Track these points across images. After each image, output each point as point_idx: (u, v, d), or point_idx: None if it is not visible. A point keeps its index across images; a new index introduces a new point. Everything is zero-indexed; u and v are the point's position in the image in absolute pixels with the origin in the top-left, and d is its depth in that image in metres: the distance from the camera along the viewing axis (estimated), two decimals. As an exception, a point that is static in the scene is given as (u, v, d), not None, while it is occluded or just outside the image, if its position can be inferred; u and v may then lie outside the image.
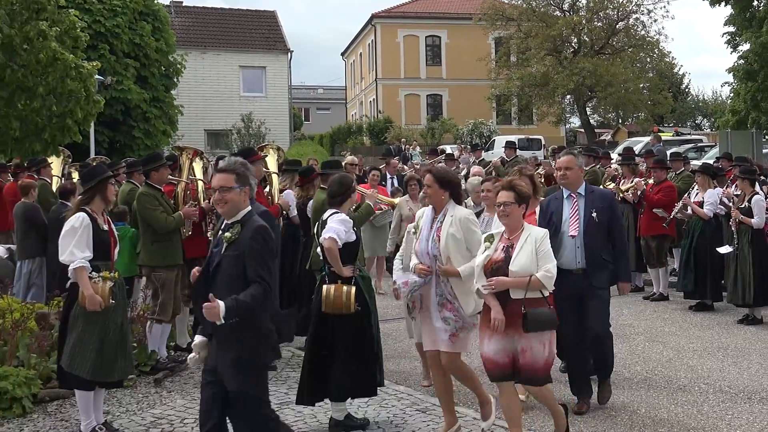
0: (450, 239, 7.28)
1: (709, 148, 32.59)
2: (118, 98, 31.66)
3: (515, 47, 56.01)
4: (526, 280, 6.77)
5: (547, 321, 6.77)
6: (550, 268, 6.84)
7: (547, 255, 6.91)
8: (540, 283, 6.80)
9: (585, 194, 8.29)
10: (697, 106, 75.93)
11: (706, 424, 7.94)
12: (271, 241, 5.92)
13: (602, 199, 8.33)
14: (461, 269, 7.22)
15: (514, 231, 7.00)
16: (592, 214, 8.15)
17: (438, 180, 7.43)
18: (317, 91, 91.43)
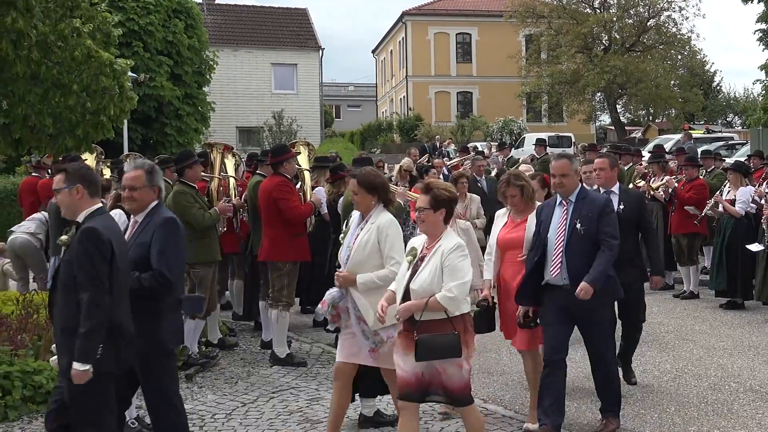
0: (362, 247, 6.98)
1: (741, 146, 32.35)
2: (151, 95, 31.87)
3: (546, 44, 55.83)
4: (423, 302, 6.10)
5: (444, 349, 6.08)
6: (453, 287, 6.06)
7: (453, 271, 6.14)
8: (439, 305, 6.08)
9: (575, 201, 7.47)
10: (728, 103, 75.32)
11: (737, 423, 7.92)
12: (99, 243, 5.57)
13: (592, 206, 7.39)
14: (359, 279, 6.91)
15: (432, 240, 6.40)
16: (576, 225, 7.34)
17: (364, 185, 7.09)
18: (348, 88, 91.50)
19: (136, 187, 6.25)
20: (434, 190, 6.43)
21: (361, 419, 7.85)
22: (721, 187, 14.15)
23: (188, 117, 34.13)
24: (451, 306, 6.10)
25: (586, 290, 7.09)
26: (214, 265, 10.12)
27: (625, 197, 8.75)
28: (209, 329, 10.86)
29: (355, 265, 6.98)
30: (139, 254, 6.09)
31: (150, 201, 6.31)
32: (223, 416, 8.23)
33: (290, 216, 9.99)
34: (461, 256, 6.24)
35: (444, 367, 6.18)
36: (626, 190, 8.98)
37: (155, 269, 6.03)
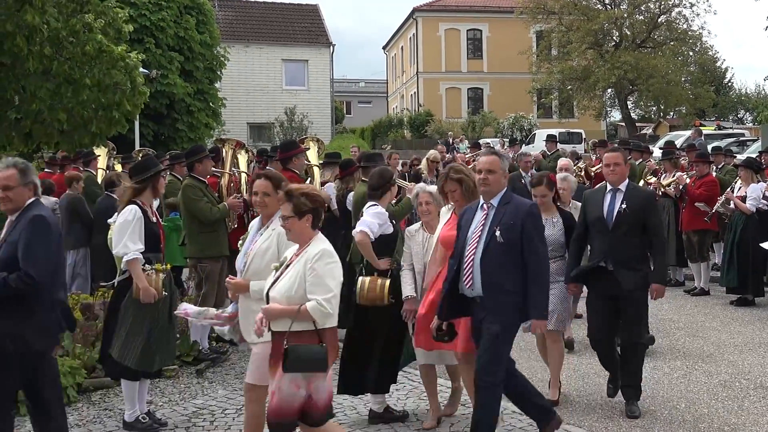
0: (261, 254, 6.61)
1: (752, 143, 32.23)
2: (162, 91, 31.91)
3: (556, 41, 55.72)
4: (295, 308, 5.73)
5: (314, 361, 5.70)
6: (323, 301, 5.67)
7: (318, 279, 5.75)
8: (309, 315, 5.70)
9: (497, 206, 6.78)
10: (739, 99, 75.02)
11: (747, 420, 7.91)
12: None
13: (516, 213, 6.66)
14: (252, 285, 6.50)
15: (300, 248, 6.01)
16: (495, 232, 6.65)
17: (277, 187, 6.66)
18: (359, 84, 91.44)
19: (10, 187, 6.06)
20: (295, 197, 5.98)
21: (371, 415, 7.86)
22: (732, 183, 14.12)
23: (199, 113, 34.18)
24: (321, 318, 5.71)
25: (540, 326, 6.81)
26: (222, 260, 10.13)
27: (631, 196, 8.01)
28: (220, 324, 10.85)
29: (253, 273, 6.55)
30: (9, 253, 5.95)
31: (25, 199, 6.13)
32: (233, 411, 8.25)
33: None
34: (328, 263, 5.83)
35: (279, 385, 5.75)
36: (634, 189, 8.23)
37: (21, 269, 5.85)
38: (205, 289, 9.85)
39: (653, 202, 8.27)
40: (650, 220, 8.00)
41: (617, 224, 7.95)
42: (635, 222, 7.94)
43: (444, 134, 48.87)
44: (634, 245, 7.96)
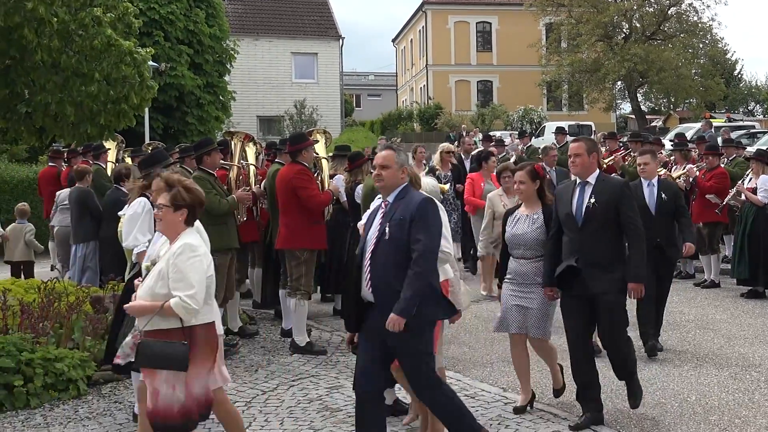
0: None
1: (762, 135, 32.13)
2: (172, 84, 31.88)
3: (566, 33, 55.58)
4: (158, 305, 5.59)
5: (168, 358, 5.52)
6: (186, 297, 5.53)
7: (181, 276, 5.59)
8: (173, 312, 5.57)
9: (393, 201, 6.44)
10: (749, 91, 74.79)
11: (758, 412, 7.88)
12: None
13: (406, 209, 6.26)
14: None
15: (171, 243, 5.87)
16: (386, 228, 6.29)
17: None
18: (368, 77, 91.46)
19: None
20: (176, 188, 5.84)
21: (380, 407, 7.84)
22: (744, 175, 14.07)
23: (209, 106, 34.13)
24: (185, 315, 5.59)
25: (395, 323, 6.02)
26: (231, 253, 10.14)
27: (600, 189, 7.44)
28: (229, 317, 10.87)
29: None
30: None
31: None
32: (243, 404, 8.25)
33: (310, 204, 10.00)
34: (190, 258, 5.68)
35: (156, 387, 5.64)
36: (604, 181, 7.55)
37: None
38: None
39: (625, 192, 7.52)
40: (623, 212, 7.36)
41: (586, 221, 7.38)
42: (606, 217, 7.35)
43: (453, 127, 48.86)
44: (607, 243, 7.37)
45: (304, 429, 7.56)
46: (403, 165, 6.50)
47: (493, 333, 8.18)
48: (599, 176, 7.58)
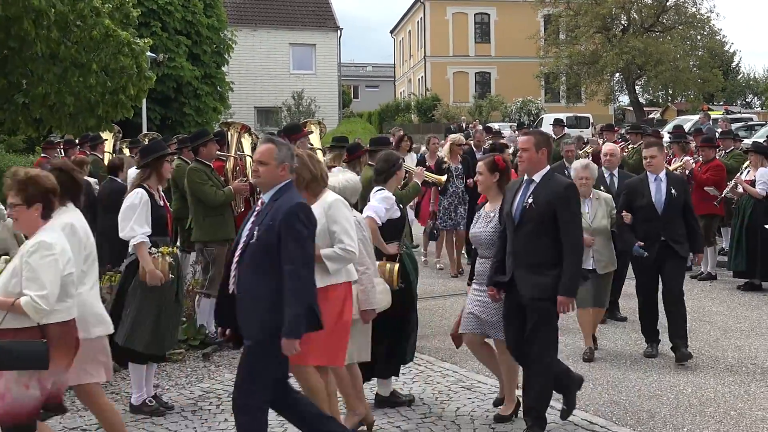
0: None
1: (760, 127, 32.17)
2: (170, 75, 31.89)
3: (564, 25, 55.62)
4: (9, 301, 5.35)
5: (25, 357, 5.32)
6: (37, 297, 5.28)
7: (34, 275, 5.37)
8: (23, 310, 5.33)
9: (268, 201, 5.96)
10: (747, 84, 74.82)
11: (753, 404, 7.90)
12: None
13: (277, 212, 5.76)
14: None
15: None
16: (255, 231, 5.86)
17: None
18: (366, 68, 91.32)
19: None
20: (23, 183, 5.54)
21: (378, 399, 7.86)
22: (741, 168, 14.07)
23: (207, 97, 34.16)
24: (34, 315, 5.33)
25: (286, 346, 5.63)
26: (228, 243, 10.12)
27: (541, 189, 6.90)
28: (227, 308, 10.87)
29: None
30: None
31: None
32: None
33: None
34: (45, 257, 5.41)
35: (9, 387, 5.40)
36: (549, 180, 6.97)
37: None
38: (211, 273, 9.86)
39: (566, 194, 6.87)
40: (560, 217, 6.78)
41: (522, 221, 6.90)
42: (542, 219, 6.81)
43: (452, 119, 48.84)
44: (544, 246, 6.82)
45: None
46: (283, 162, 5.91)
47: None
48: (547, 174, 7.01)
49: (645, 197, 9.28)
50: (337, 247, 6.37)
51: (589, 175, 9.52)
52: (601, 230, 9.44)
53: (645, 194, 9.32)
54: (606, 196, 9.77)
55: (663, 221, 9.24)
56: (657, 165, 9.47)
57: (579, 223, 6.99)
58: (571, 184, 7.18)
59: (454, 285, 13.59)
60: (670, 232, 9.24)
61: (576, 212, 6.94)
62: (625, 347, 9.84)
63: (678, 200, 9.29)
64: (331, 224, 6.43)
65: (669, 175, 9.55)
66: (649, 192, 9.33)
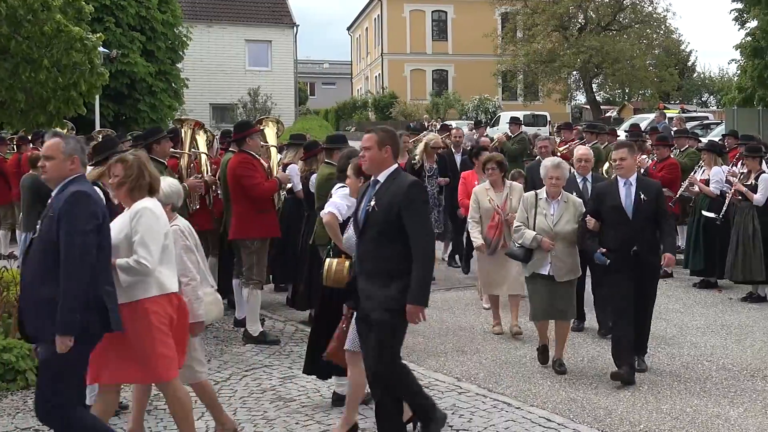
0: None
1: (715, 126, 32.50)
2: (123, 71, 31.58)
3: (521, 23, 55.87)
4: None
5: None
6: None
7: None
8: None
9: (55, 194, 5.93)
10: (703, 83, 75.67)
11: (709, 401, 7.95)
12: None
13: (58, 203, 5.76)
14: None
15: None
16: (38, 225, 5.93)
17: None
18: (323, 65, 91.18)
19: None
20: None
21: (336, 397, 7.82)
22: (696, 167, 14.16)
23: (161, 93, 33.87)
24: None
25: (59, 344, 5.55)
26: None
27: (386, 190, 6.32)
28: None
29: None
30: None
31: None
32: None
33: (254, 193, 9.91)
34: None
35: None
36: (393, 181, 6.32)
37: None
38: (166, 272, 9.73)
39: (410, 194, 6.22)
40: (406, 219, 6.17)
41: (365, 225, 6.38)
42: (386, 223, 6.22)
43: (408, 116, 48.87)
44: (389, 253, 6.22)
45: (258, 419, 7.51)
46: (72, 155, 5.87)
47: None
48: (393, 173, 6.39)
49: (614, 202, 8.66)
50: (132, 258, 6.03)
51: (560, 174, 8.98)
52: (564, 235, 8.85)
53: (614, 199, 8.67)
54: (576, 200, 9.14)
55: (633, 228, 8.57)
56: (628, 168, 8.75)
57: (426, 225, 6.36)
58: (416, 182, 6.50)
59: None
60: (642, 240, 8.55)
61: (422, 212, 6.30)
62: (582, 344, 9.85)
63: (649, 206, 8.63)
64: (134, 234, 6.10)
65: (640, 180, 8.90)
66: (618, 197, 8.67)
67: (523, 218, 9.10)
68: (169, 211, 6.74)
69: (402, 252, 6.16)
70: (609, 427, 7.28)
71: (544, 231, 8.88)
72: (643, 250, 8.52)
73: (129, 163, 6.27)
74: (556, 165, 9.10)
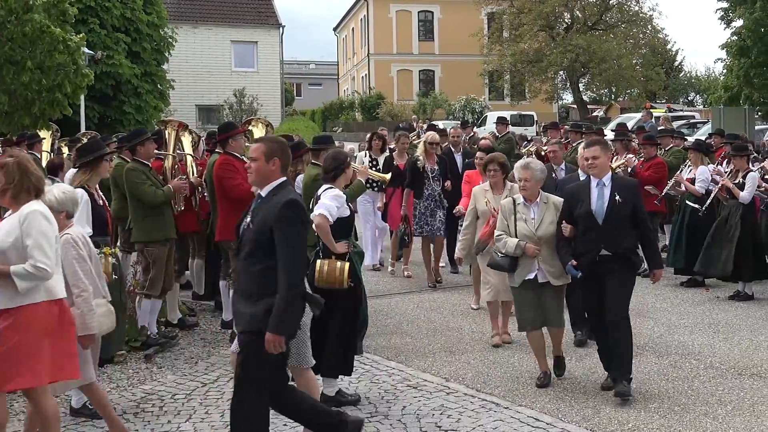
0: None
1: (702, 125, 32.59)
2: (109, 73, 31.42)
3: (508, 23, 55.91)
4: None
5: None
6: None
7: None
8: None
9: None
10: (689, 82, 75.93)
11: (697, 399, 7.95)
12: None
13: None
14: None
15: None
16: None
17: None
18: (309, 66, 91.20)
19: None
20: None
21: (323, 398, 7.77)
22: (682, 166, 14.17)
23: (147, 95, 33.71)
24: None
25: None
26: (169, 243, 9.98)
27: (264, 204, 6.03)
28: (168, 309, 10.75)
29: None
30: None
31: None
32: (182, 396, 8.14)
33: (233, 194, 9.85)
34: None
35: None
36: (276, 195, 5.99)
37: None
38: (152, 273, 9.71)
39: (282, 213, 5.85)
40: (276, 237, 5.85)
41: (241, 242, 6.17)
42: (259, 239, 5.93)
43: (396, 116, 48.89)
44: (259, 273, 5.91)
45: (245, 422, 7.46)
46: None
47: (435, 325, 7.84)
48: (275, 188, 6.05)
49: (584, 204, 8.08)
50: (28, 264, 5.83)
51: (529, 176, 8.36)
52: (548, 238, 8.29)
53: (584, 201, 8.09)
54: (557, 200, 8.51)
55: (602, 232, 7.98)
56: (601, 167, 8.14)
57: (295, 250, 5.84)
58: (292, 201, 5.92)
59: (399, 284, 13.55)
60: (612, 243, 7.97)
61: (293, 234, 5.82)
62: (569, 344, 9.84)
63: (624, 208, 8.01)
64: (25, 238, 5.88)
65: (615, 180, 8.24)
66: (588, 199, 8.09)
67: (504, 226, 8.49)
68: (63, 218, 6.60)
69: (270, 272, 5.79)
70: (597, 426, 7.27)
71: (527, 237, 8.31)
72: (613, 256, 7.97)
73: (9, 168, 6.00)
74: (525, 166, 8.49)
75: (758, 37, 34.25)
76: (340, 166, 7.89)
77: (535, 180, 8.40)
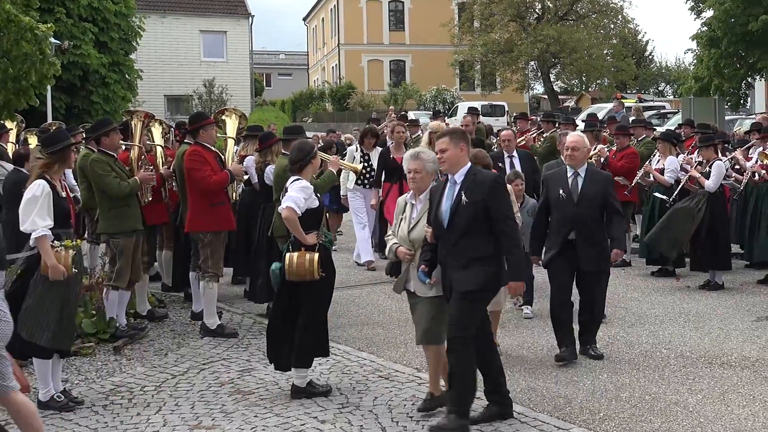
0: None
1: (672, 115, 32.75)
2: (76, 63, 31.11)
3: (479, 13, 55.97)
4: None
5: None
6: None
7: None
8: None
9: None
10: (660, 72, 76.36)
11: (668, 388, 7.97)
12: None
13: None
14: None
15: None
16: None
17: None
18: (279, 56, 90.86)
19: None
20: None
21: (294, 389, 7.76)
22: (651, 156, 14.22)
23: (115, 85, 33.42)
24: None
25: None
26: (136, 235, 9.87)
27: None
28: (137, 301, 10.67)
29: None
30: None
31: None
32: (152, 388, 8.08)
33: (201, 186, 9.79)
34: None
35: None
36: None
37: None
38: (118, 265, 9.60)
39: None
40: None
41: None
42: None
43: (366, 107, 48.82)
44: None
45: (216, 413, 7.42)
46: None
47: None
48: None
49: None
50: None
51: (418, 167, 7.18)
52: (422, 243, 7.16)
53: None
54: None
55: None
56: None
57: None
58: None
59: (370, 275, 13.52)
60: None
61: None
62: (541, 334, 9.84)
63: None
64: None
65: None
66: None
67: (394, 227, 7.57)
68: None
69: None
70: (569, 416, 7.27)
71: (401, 239, 7.35)
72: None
73: None
74: (415, 156, 7.31)
75: (728, 27, 34.47)
76: (306, 157, 7.86)
77: (427, 172, 7.23)
